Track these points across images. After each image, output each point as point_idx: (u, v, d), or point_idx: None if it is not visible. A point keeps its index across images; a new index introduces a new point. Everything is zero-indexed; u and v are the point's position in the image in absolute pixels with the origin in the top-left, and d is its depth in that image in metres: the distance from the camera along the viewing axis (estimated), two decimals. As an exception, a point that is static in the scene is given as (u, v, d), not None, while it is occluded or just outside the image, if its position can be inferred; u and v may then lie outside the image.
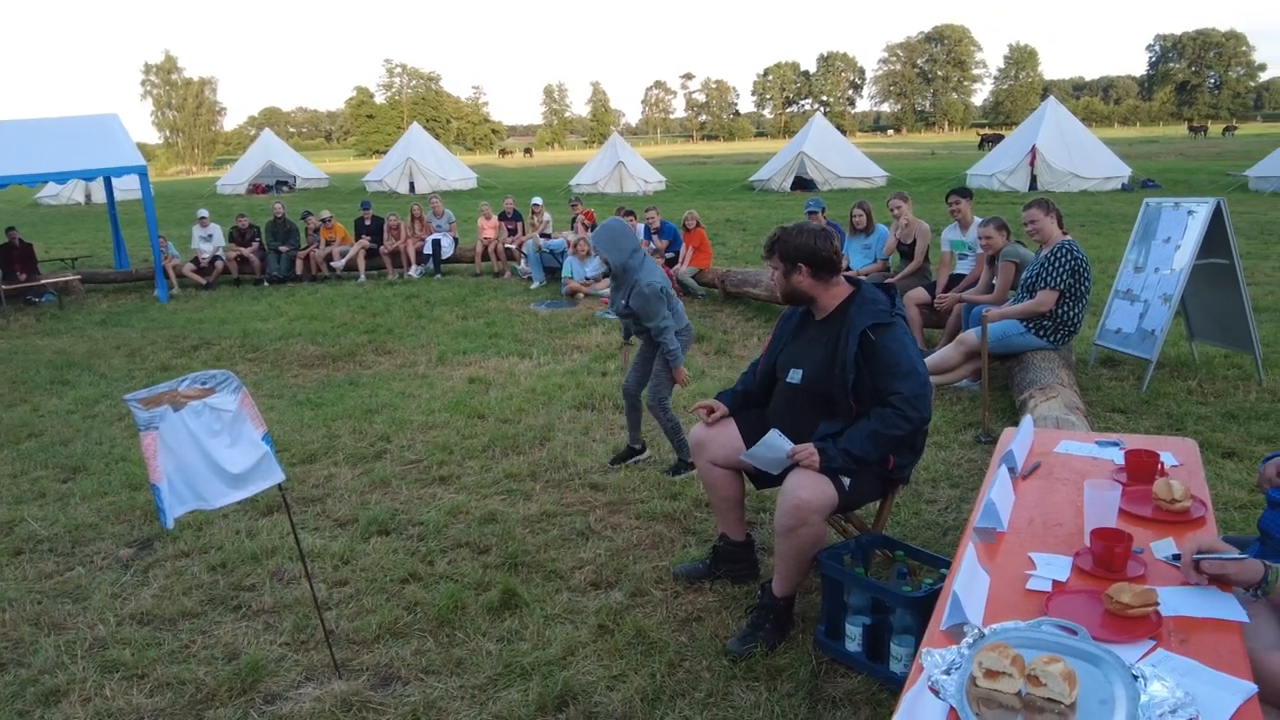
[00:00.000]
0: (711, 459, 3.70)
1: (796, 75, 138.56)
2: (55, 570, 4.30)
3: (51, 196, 37.27)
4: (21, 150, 12.67)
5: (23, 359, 9.02)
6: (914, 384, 3.23)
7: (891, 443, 3.25)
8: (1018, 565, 2.19)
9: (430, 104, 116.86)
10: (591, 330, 9.16)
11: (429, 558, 4.19)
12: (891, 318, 3.34)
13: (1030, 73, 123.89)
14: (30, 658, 3.51)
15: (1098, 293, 7.64)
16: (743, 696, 3.06)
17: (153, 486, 2.98)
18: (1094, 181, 23.84)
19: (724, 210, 22.26)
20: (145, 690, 3.27)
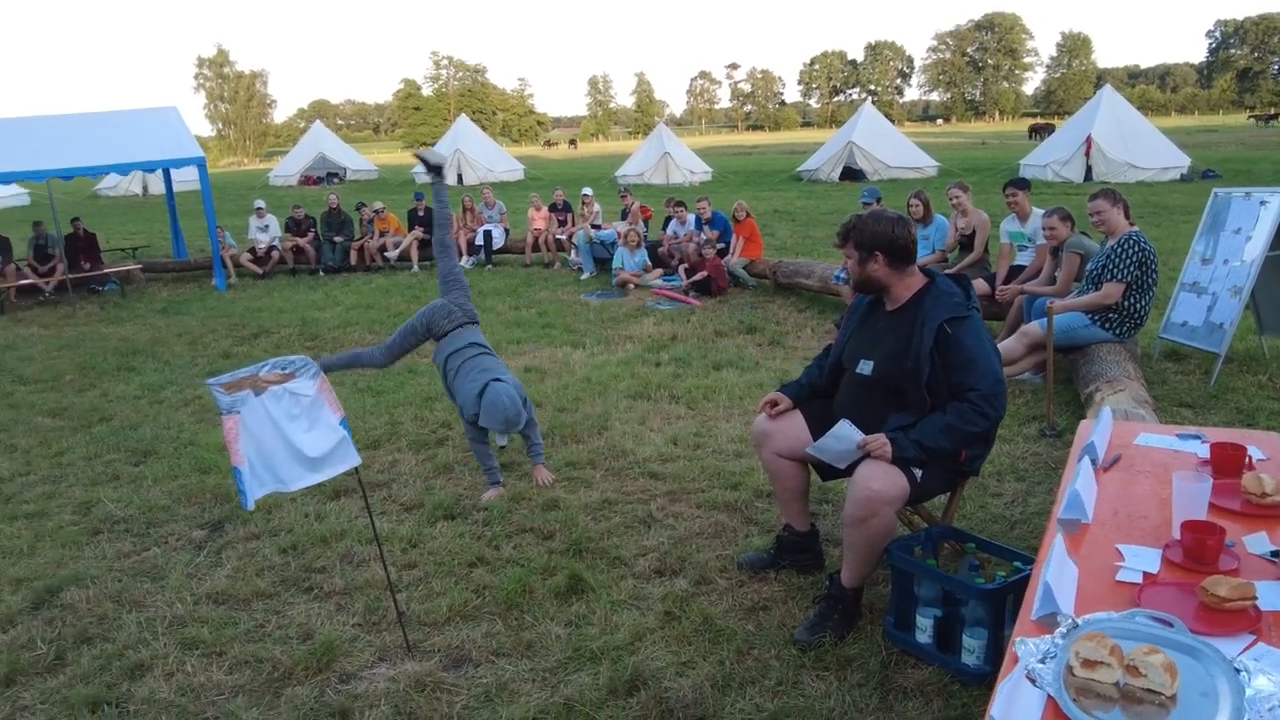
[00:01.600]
0: (776, 450, 3.69)
1: (843, 64, 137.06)
2: (132, 550, 4.42)
3: (110, 188, 38.16)
4: (86, 143, 12.98)
5: (90, 346, 9.27)
6: (992, 381, 3.20)
7: (967, 438, 3.22)
8: (1105, 557, 2.17)
9: (476, 96, 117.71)
10: (643, 321, 9.18)
11: (494, 542, 4.25)
12: (968, 311, 3.30)
13: (1083, 61, 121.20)
14: (114, 633, 3.63)
15: (1161, 285, 7.49)
16: (813, 685, 3.06)
17: (234, 469, 3.06)
18: (1151, 172, 23.30)
19: (771, 201, 22.14)
20: (224, 668, 3.36)
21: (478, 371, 4.87)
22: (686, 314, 9.46)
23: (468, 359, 4.98)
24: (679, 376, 6.98)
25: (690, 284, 10.42)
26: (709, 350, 7.81)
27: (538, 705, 3.02)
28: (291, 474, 3.18)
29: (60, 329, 10.42)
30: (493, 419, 4.62)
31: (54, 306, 11.93)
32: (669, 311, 9.62)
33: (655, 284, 10.97)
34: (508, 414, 4.61)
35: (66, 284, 12.49)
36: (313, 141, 42.29)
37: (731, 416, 5.97)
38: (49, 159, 12.28)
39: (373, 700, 3.10)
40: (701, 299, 10.12)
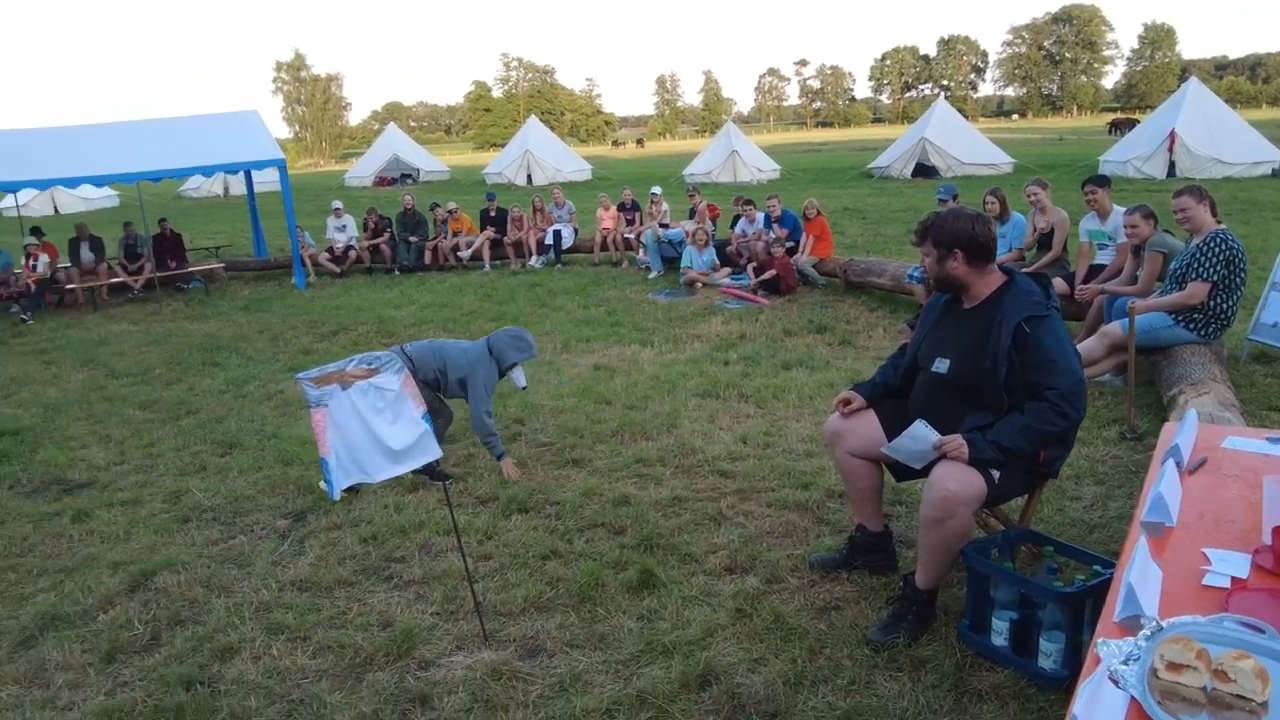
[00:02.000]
0: (849, 450, 3.67)
1: (915, 59, 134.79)
2: (220, 538, 4.61)
3: (193, 189, 39.53)
4: (173, 146, 13.50)
5: (176, 341, 9.64)
6: (1071, 380, 3.14)
7: (1045, 439, 3.17)
8: (1190, 560, 2.14)
9: (545, 97, 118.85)
10: (711, 320, 9.19)
11: (567, 536, 4.32)
12: (1047, 310, 3.25)
13: (1167, 53, 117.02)
14: (205, 616, 3.79)
15: (1250, 285, 7.24)
16: (886, 686, 3.06)
17: (321, 460, 3.18)
18: (1240, 167, 22.42)
19: (841, 198, 21.92)
20: (308, 652, 3.49)
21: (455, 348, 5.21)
22: (755, 313, 9.44)
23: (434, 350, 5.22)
24: (748, 375, 6.99)
25: (759, 283, 10.38)
26: (778, 349, 7.79)
27: (611, 696, 3.07)
28: (375, 465, 3.29)
29: (149, 325, 10.85)
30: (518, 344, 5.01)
31: (142, 303, 12.42)
32: (737, 310, 9.61)
33: (723, 283, 10.97)
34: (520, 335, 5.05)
35: (154, 282, 12.99)
36: (387, 143, 43.17)
37: (801, 416, 5.96)
38: (138, 162, 12.79)
39: (451, 687, 3.19)
40: (770, 298, 10.09)
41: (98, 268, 12.99)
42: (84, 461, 5.85)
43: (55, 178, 12.59)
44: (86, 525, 4.82)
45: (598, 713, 3.00)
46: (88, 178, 12.85)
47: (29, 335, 10.60)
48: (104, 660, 3.49)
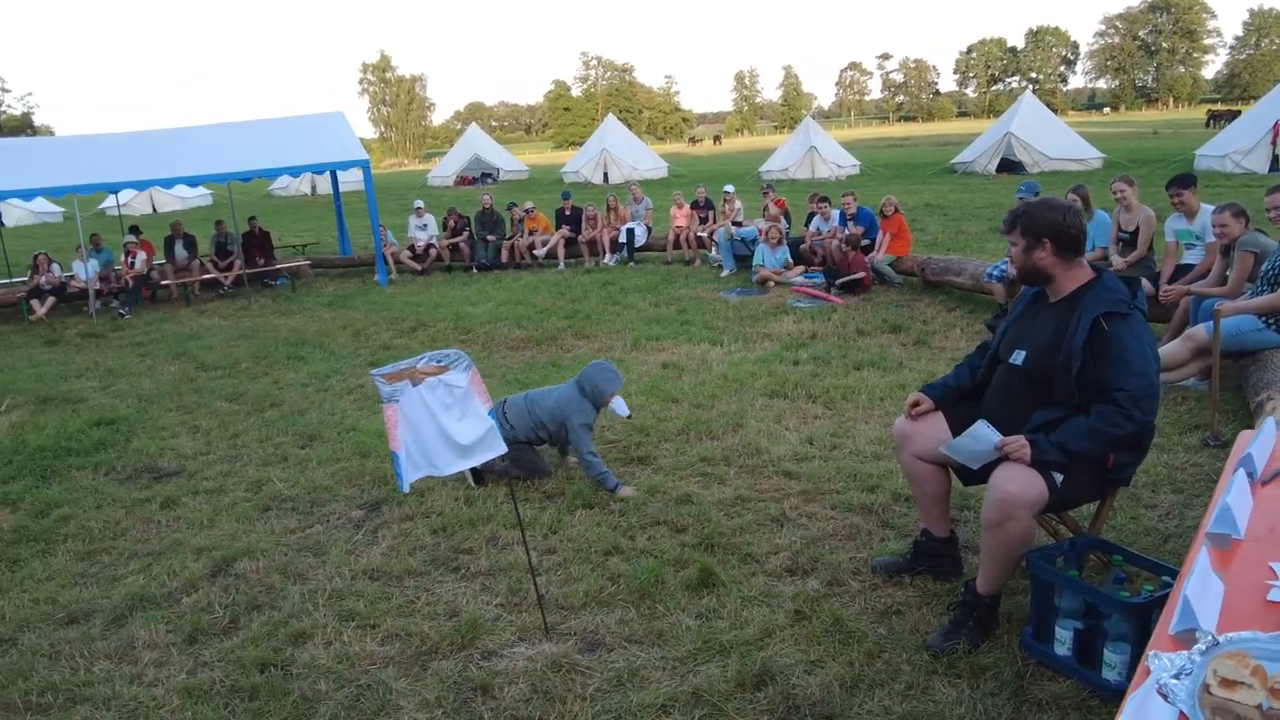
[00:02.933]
0: (916, 453, 3.64)
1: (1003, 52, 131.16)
2: (298, 526, 4.79)
3: (281, 188, 40.91)
4: (262, 147, 14.02)
5: (263, 336, 10.01)
6: (1142, 383, 3.05)
7: (1110, 442, 3.10)
8: (1256, 574, 2.07)
9: (624, 95, 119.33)
10: (782, 319, 9.15)
11: (630, 533, 4.38)
12: (1129, 309, 3.16)
13: (1275, 40, 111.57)
14: (280, 602, 3.95)
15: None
16: (944, 692, 3.03)
17: (392, 454, 3.29)
18: (1350, 161, 21.31)
19: (923, 195, 21.55)
20: (377, 639, 3.61)
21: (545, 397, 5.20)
22: (828, 312, 9.37)
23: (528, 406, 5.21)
24: (817, 376, 6.94)
25: (841, 284, 10.21)
26: (849, 349, 7.72)
27: (667, 693, 3.12)
28: (444, 459, 3.39)
29: (237, 320, 11.29)
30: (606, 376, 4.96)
31: (232, 299, 12.92)
32: (809, 309, 9.55)
33: (796, 281, 10.90)
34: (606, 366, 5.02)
35: (243, 278, 13.51)
36: (468, 143, 43.99)
37: (871, 418, 5.91)
38: (230, 163, 13.33)
39: (512, 677, 3.27)
40: (844, 297, 9.98)
41: (191, 264, 13.56)
42: (173, 450, 6.14)
43: (152, 179, 13.21)
44: (174, 512, 5.07)
45: (653, 708, 3.04)
46: (182, 178, 13.42)
47: (127, 329, 11.14)
48: (187, 641, 3.67)
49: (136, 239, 13.47)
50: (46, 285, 12.36)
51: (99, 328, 11.28)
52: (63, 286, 12.58)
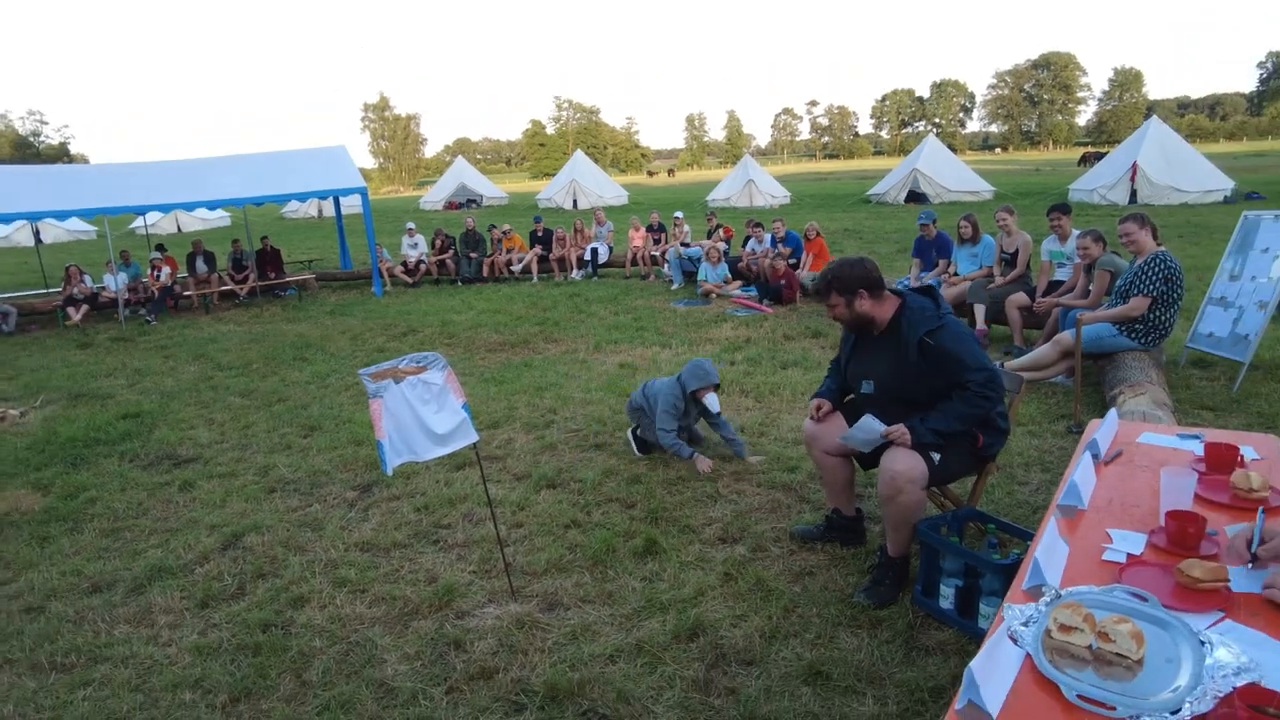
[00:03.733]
0: (824, 449, 3.67)
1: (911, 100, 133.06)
2: (299, 506, 4.72)
3: (293, 211, 40.22)
4: (274, 176, 13.77)
5: (272, 340, 9.83)
6: (983, 373, 3.19)
7: (973, 420, 3.21)
8: (1096, 539, 2.14)
9: (591, 133, 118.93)
10: (722, 325, 9.20)
11: (587, 509, 4.38)
12: (940, 320, 3.26)
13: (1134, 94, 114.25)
14: (282, 571, 3.90)
15: (1192, 299, 7.11)
16: (848, 640, 3.08)
17: (377, 443, 3.26)
18: (1194, 194, 21.88)
19: (843, 221, 21.74)
20: (366, 602, 3.58)
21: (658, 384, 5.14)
22: (760, 320, 9.43)
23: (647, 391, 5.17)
24: (750, 374, 6.99)
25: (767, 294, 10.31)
26: (778, 352, 7.78)
27: (615, 644, 3.13)
28: (423, 447, 3.36)
29: (251, 326, 11.08)
30: (697, 374, 4.88)
31: (246, 308, 12.68)
32: (745, 318, 9.61)
33: (734, 294, 10.97)
34: (699, 364, 4.90)
35: (256, 290, 13.26)
36: (455, 173, 43.55)
37: (794, 409, 5.96)
38: (244, 189, 13.07)
39: (482, 634, 3.26)
40: (774, 307, 10.07)
41: (210, 278, 13.28)
42: (191, 440, 6.02)
43: (175, 202, 12.90)
44: (191, 494, 4.97)
45: (602, 658, 3.06)
46: (202, 202, 13.14)
47: (153, 334, 10.89)
48: (199, 606, 3.61)
49: (162, 255, 13.17)
50: (79, 295, 12.04)
51: (128, 333, 11.01)
52: (94, 296, 12.26)
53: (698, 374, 4.94)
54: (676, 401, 4.92)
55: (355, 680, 3.03)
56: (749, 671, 2.94)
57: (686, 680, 2.90)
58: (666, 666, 2.99)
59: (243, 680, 3.04)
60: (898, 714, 2.68)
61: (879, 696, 2.76)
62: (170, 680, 3.07)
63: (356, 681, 3.02)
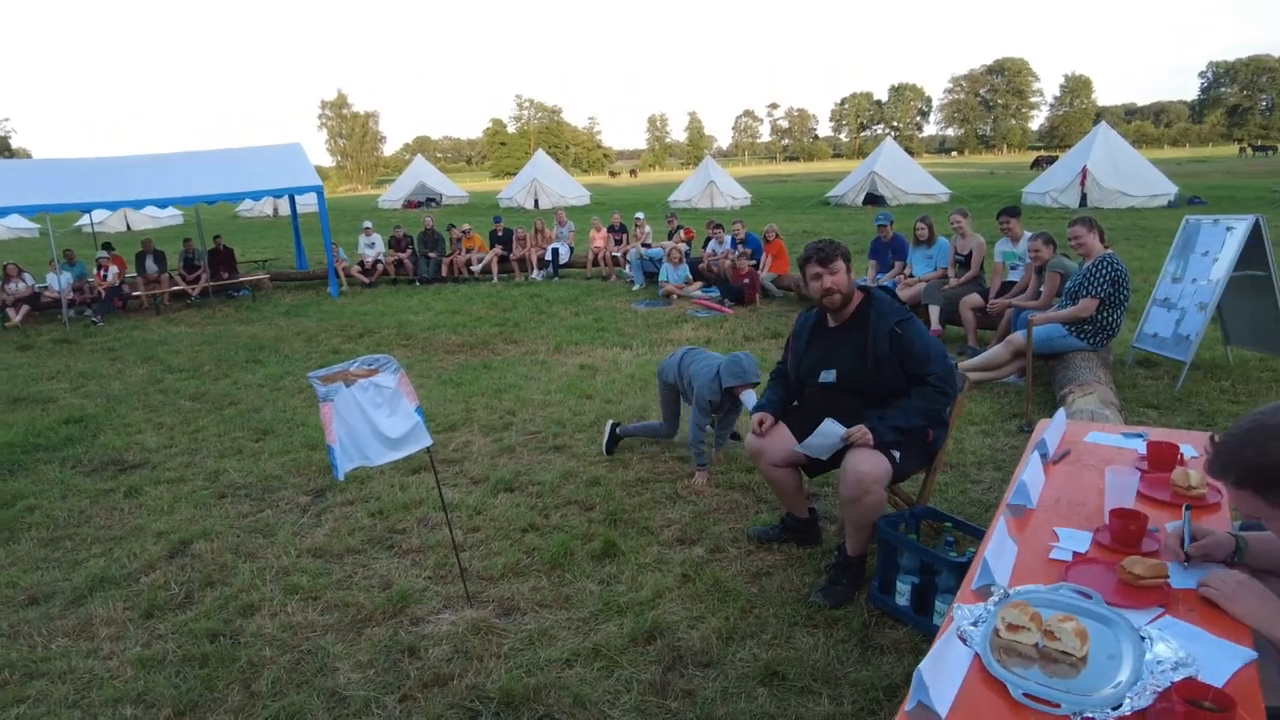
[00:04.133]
0: (771, 462, 3.63)
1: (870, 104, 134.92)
2: (250, 511, 4.61)
3: (247, 210, 39.39)
4: (227, 174, 13.46)
5: (225, 342, 9.61)
6: (944, 365, 3.29)
7: (933, 415, 3.27)
8: (1043, 538, 2.17)
9: (552, 132, 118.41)
10: (683, 326, 9.21)
11: (545, 512, 4.34)
12: (908, 314, 3.38)
13: (1084, 100, 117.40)
14: (232, 579, 3.80)
15: (1138, 300, 7.30)
16: (804, 640, 3.09)
17: (328, 447, 3.19)
18: (1141, 199, 22.54)
19: (802, 223, 21.95)
20: (318, 609, 3.51)
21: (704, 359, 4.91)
22: (721, 320, 9.47)
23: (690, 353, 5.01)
24: (710, 375, 7.00)
25: (727, 294, 10.37)
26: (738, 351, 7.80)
27: (572, 648, 3.10)
28: (375, 451, 3.30)
29: (202, 327, 10.82)
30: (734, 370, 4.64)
31: (198, 309, 12.38)
32: (706, 319, 9.64)
33: (695, 294, 11.00)
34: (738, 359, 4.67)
35: (209, 290, 12.95)
36: (414, 172, 43.07)
37: (752, 410, 5.98)
38: (197, 187, 12.76)
39: (437, 640, 3.22)
40: (734, 308, 10.12)
41: (160, 277, 12.94)
42: (138, 445, 5.86)
43: (123, 200, 12.54)
44: (137, 500, 4.83)
45: (559, 662, 3.03)
46: (150, 200, 12.78)
47: (99, 336, 10.57)
48: (143, 616, 3.50)
49: (108, 254, 12.79)
50: (16, 293, 11.62)
51: (72, 334, 10.68)
52: (35, 296, 11.86)
53: (735, 371, 4.72)
54: (713, 398, 4.77)
55: (306, 690, 2.96)
56: (706, 673, 2.94)
57: (643, 683, 2.89)
58: (624, 670, 2.97)
59: (188, 693, 2.95)
60: (853, 713, 2.69)
61: (834, 696, 2.78)
62: (111, 695, 2.97)
63: (307, 691, 2.96)
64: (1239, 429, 1.65)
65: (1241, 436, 1.63)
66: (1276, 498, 1.60)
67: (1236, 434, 1.64)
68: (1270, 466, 1.58)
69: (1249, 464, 1.61)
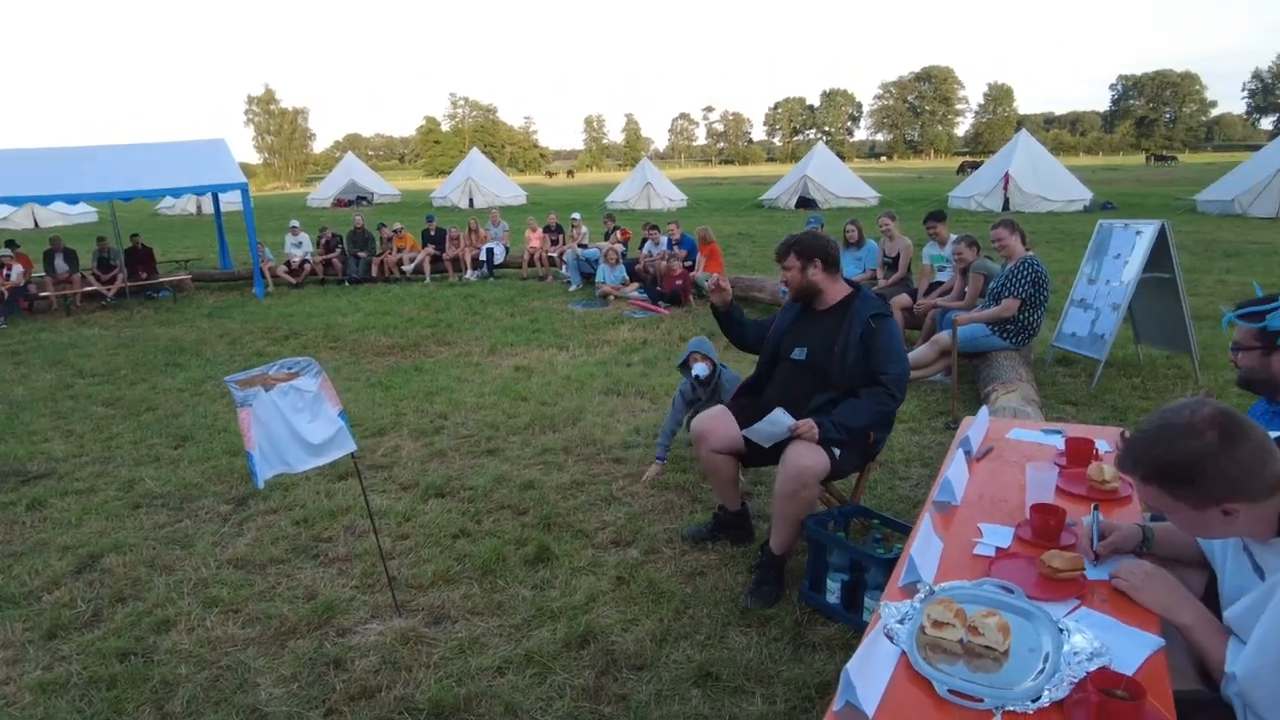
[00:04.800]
0: (712, 447, 3.65)
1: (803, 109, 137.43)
2: (167, 522, 4.40)
3: (168, 208, 37.90)
4: (144, 169, 12.88)
5: (143, 345, 9.20)
6: (902, 369, 3.34)
7: (880, 416, 3.32)
8: (968, 534, 2.21)
9: (488, 131, 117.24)
10: (619, 327, 9.19)
11: (477, 517, 4.26)
12: (887, 313, 3.45)
13: (1006, 108, 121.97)
14: (146, 593, 3.62)
15: (1057, 301, 7.56)
16: (737, 639, 3.09)
17: (247, 454, 3.06)
18: (1059, 204, 23.49)
19: (737, 225, 22.17)
20: (239, 623, 3.37)
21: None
22: (657, 321, 9.48)
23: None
24: (646, 375, 7.00)
25: (662, 295, 10.41)
26: (673, 353, 7.82)
27: (503, 656, 3.04)
28: (296, 458, 3.18)
29: (119, 329, 10.34)
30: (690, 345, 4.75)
31: (114, 310, 11.83)
32: (642, 319, 9.63)
33: (631, 295, 10.99)
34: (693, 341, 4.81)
35: (125, 291, 12.39)
36: (345, 169, 42.07)
37: (687, 410, 5.98)
38: (111, 183, 12.19)
39: (364, 651, 3.12)
40: (670, 309, 10.14)
41: (71, 277, 12.32)
42: (44, 454, 5.54)
43: (27, 195, 11.91)
44: (40, 513, 4.56)
45: (490, 671, 2.97)
46: (60, 196, 12.17)
47: (1, 338, 10.00)
48: (45, 637, 3.30)
49: (12, 253, 12.10)
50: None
51: (-28, 337, 10.08)
52: (-66, 298, 11.17)
53: (688, 348, 4.86)
54: (684, 387, 4.85)
55: (225, 707, 2.83)
56: (640, 676, 2.92)
57: (577, 689, 2.85)
58: (556, 676, 2.92)
59: (94, 717, 2.79)
60: (785, 712, 2.70)
61: (767, 695, 2.78)
62: (9, 721, 2.79)
63: (226, 709, 2.83)
64: (1148, 427, 1.70)
65: (1150, 434, 1.68)
66: (1179, 492, 1.65)
67: (1145, 432, 1.69)
68: (1175, 463, 1.63)
69: (1156, 461, 1.65)
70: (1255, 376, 2.23)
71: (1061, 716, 1.48)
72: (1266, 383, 2.22)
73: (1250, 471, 1.59)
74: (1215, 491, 1.61)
